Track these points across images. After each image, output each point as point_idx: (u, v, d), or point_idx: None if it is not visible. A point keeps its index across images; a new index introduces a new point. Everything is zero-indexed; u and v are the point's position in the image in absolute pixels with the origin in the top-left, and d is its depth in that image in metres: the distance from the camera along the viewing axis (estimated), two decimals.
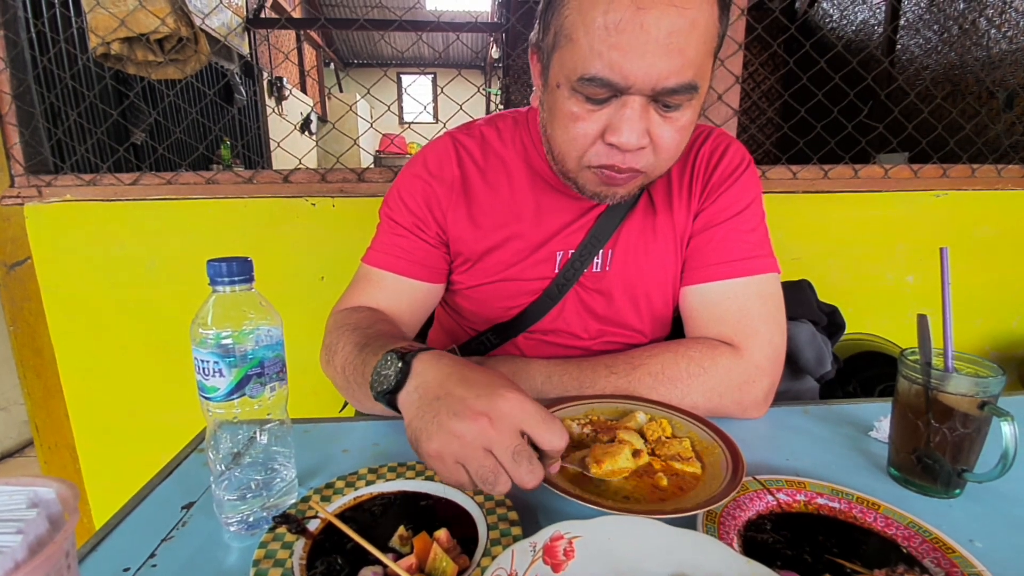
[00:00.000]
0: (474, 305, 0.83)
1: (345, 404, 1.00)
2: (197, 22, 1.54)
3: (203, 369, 0.45)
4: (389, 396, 0.51)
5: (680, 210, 0.77)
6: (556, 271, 0.78)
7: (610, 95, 0.59)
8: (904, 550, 0.45)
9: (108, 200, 1.30)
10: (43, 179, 1.29)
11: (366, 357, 0.58)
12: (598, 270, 0.78)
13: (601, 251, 0.77)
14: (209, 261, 0.45)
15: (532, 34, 0.68)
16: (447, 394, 0.46)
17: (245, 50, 4.90)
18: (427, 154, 0.81)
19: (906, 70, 4.01)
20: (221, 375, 0.45)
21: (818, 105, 1.45)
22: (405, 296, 0.79)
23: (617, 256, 0.78)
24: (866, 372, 1.22)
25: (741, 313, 0.73)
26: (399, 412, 0.51)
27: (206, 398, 0.47)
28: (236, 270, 0.45)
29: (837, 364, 0.95)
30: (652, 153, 0.62)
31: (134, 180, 1.30)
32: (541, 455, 0.46)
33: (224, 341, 0.45)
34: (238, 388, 0.46)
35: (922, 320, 0.55)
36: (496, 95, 6.87)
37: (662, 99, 0.59)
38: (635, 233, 0.78)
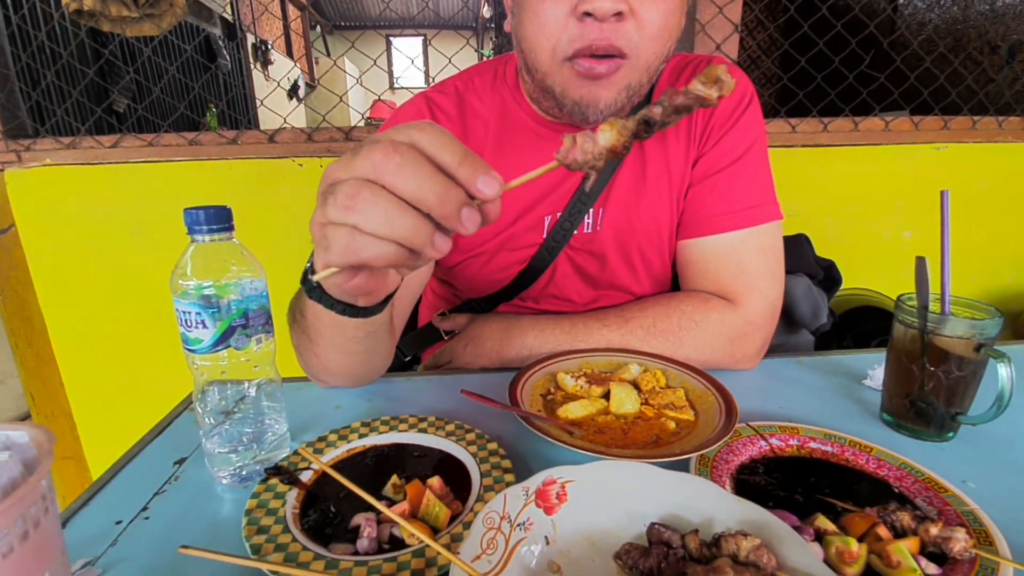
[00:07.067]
0: (462, 281, 0.80)
1: None
2: None
3: (185, 320, 0.44)
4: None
5: (677, 157, 0.73)
6: (544, 236, 0.75)
7: None
8: (896, 490, 0.46)
9: (89, 164, 1.26)
10: (22, 143, 1.25)
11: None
12: (589, 231, 0.75)
13: (591, 210, 0.74)
14: (186, 209, 0.44)
15: None
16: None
17: (226, 10, 4.71)
18: (397, 118, 0.75)
19: (908, 23, 3.91)
20: (204, 326, 0.44)
21: (819, 56, 1.40)
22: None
23: (608, 214, 0.74)
24: (861, 327, 1.22)
25: (739, 269, 0.71)
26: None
27: (191, 351, 0.46)
28: (213, 218, 0.44)
29: (833, 318, 0.94)
30: (635, 29, 0.57)
31: (115, 143, 1.27)
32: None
33: (206, 292, 0.44)
34: (223, 339, 0.45)
35: (920, 263, 0.54)
36: (489, 56, 6.69)
37: None
38: (625, 189, 0.74)
